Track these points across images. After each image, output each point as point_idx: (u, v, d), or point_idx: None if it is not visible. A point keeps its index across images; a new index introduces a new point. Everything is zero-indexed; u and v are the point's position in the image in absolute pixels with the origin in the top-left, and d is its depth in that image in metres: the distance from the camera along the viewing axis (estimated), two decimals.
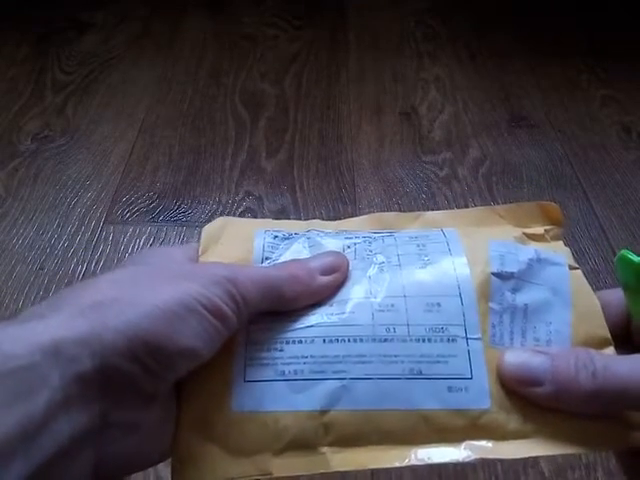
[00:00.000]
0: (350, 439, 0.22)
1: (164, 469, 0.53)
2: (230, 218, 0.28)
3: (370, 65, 1.08)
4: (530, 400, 0.22)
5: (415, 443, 0.22)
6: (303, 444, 0.22)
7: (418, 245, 0.26)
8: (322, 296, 0.24)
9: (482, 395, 0.22)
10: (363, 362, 0.22)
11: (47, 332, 0.17)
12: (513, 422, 0.22)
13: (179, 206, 0.79)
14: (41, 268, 0.70)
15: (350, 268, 0.25)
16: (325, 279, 0.24)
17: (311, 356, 0.22)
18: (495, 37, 1.16)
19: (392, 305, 0.23)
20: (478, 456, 0.21)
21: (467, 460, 0.21)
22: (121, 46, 1.11)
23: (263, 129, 0.93)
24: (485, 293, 0.24)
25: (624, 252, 0.22)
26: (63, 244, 0.73)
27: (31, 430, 0.16)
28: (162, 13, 1.21)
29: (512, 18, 1.21)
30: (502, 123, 0.95)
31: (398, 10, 1.24)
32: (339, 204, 0.80)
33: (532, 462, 0.55)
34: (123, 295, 0.19)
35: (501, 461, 0.55)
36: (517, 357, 0.22)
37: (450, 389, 0.22)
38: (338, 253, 0.25)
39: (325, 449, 0.22)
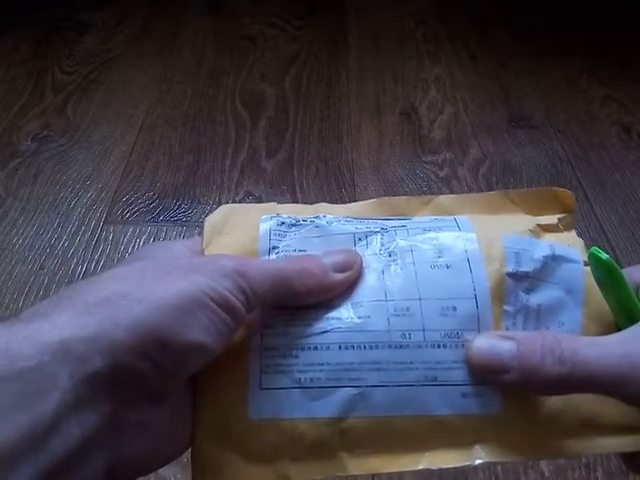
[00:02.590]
0: (366, 444, 0.22)
1: (165, 469, 0.53)
2: (233, 205, 0.27)
3: (370, 65, 1.08)
4: (501, 386, 0.22)
5: (428, 447, 0.22)
6: (320, 450, 0.22)
7: (432, 239, 0.25)
8: (334, 293, 0.23)
9: (494, 400, 0.22)
10: (379, 369, 0.22)
11: (55, 331, 0.17)
12: (522, 425, 0.22)
13: (179, 206, 0.79)
14: (41, 268, 0.70)
15: (364, 265, 0.24)
16: (338, 276, 0.23)
17: (327, 363, 0.22)
18: (495, 37, 1.16)
19: (407, 309, 0.23)
20: (488, 459, 0.22)
21: (477, 463, 0.22)
22: (121, 46, 1.11)
23: (263, 129, 0.93)
24: (500, 295, 0.23)
25: (594, 250, 0.23)
26: (63, 244, 0.73)
27: (40, 433, 0.16)
28: (162, 13, 1.21)
29: (512, 18, 1.21)
30: (502, 123, 0.95)
31: (398, 10, 1.24)
32: (339, 204, 0.80)
33: (532, 463, 0.55)
34: (130, 290, 0.19)
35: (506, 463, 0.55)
36: (484, 344, 0.22)
37: (464, 395, 0.22)
38: (351, 250, 0.25)
39: (342, 454, 0.22)
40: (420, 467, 0.21)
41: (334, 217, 0.27)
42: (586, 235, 0.76)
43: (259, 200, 0.80)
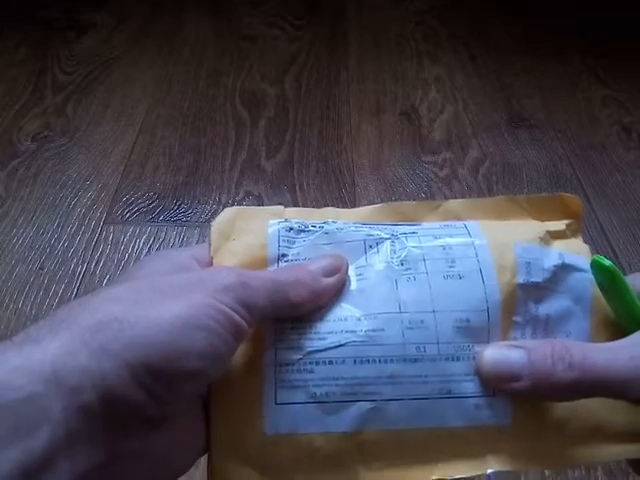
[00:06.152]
0: (382, 457, 0.22)
1: None
2: (239, 208, 0.27)
3: (370, 65, 1.08)
4: (512, 395, 0.22)
5: (441, 458, 0.22)
6: (337, 464, 0.22)
7: (444, 247, 0.25)
8: (325, 299, 0.23)
9: (504, 411, 0.22)
10: (394, 383, 0.22)
11: (47, 359, 0.17)
12: (531, 434, 0.22)
13: (179, 206, 0.79)
14: (41, 268, 0.70)
15: (374, 274, 0.24)
16: (328, 281, 0.23)
17: (342, 377, 0.22)
18: (495, 37, 1.16)
19: (422, 321, 0.23)
20: (499, 469, 0.22)
21: (489, 472, 0.22)
22: (121, 46, 1.11)
23: (263, 129, 0.93)
24: (510, 306, 0.23)
25: (596, 257, 0.23)
26: (63, 244, 0.73)
27: (32, 469, 0.15)
28: (162, 13, 1.21)
29: (512, 18, 1.21)
30: (502, 123, 0.95)
31: (398, 10, 1.24)
32: (339, 204, 0.80)
33: None
34: (124, 314, 0.18)
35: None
36: (495, 354, 0.22)
37: (477, 407, 0.22)
38: (336, 255, 0.25)
39: (358, 467, 0.22)
40: (434, 477, 0.22)
41: (343, 223, 0.26)
42: (586, 235, 0.76)
43: (259, 200, 0.80)
